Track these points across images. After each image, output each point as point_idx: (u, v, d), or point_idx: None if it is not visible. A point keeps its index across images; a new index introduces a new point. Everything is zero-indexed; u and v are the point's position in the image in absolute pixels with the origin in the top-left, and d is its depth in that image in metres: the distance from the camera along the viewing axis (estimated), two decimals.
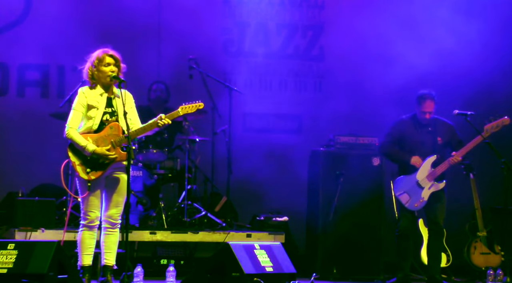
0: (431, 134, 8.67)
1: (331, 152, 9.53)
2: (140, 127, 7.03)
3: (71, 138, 6.94)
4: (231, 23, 11.11)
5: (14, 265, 6.61)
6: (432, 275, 8.58)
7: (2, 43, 10.36)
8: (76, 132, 6.95)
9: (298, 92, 11.26)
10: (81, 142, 6.92)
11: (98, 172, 6.93)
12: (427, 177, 8.53)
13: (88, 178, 6.93)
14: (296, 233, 10.20)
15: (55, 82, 10.57)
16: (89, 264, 7.05)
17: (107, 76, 6.99)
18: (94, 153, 6.88)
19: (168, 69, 10.59)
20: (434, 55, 10.65)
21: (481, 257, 9.45)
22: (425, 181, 8.54)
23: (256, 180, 10.64)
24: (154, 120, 6.99)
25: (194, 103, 7.14)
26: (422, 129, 8.69)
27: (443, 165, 8.50)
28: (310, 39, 11.30)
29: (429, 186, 8.54)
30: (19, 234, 8.59)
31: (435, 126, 8.69)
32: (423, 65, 10.57)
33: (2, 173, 10.14)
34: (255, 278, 6.91)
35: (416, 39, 10.80)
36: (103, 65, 7.00)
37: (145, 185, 9.36)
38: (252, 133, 11.00)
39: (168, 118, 6.99)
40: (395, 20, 10.97)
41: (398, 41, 10.82)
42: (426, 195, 8.54)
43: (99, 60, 7.00)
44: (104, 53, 7.02)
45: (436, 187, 8.54)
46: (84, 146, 6.91)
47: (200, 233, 9.13)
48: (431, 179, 8.52)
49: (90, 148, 6.90)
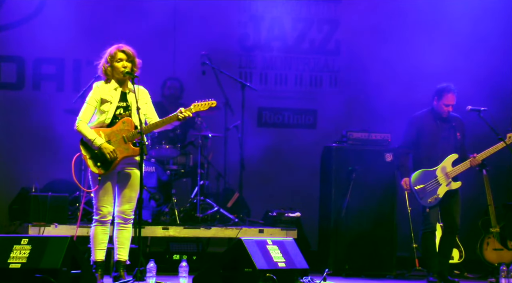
0: (453, 130, 8.60)
1: (344, 147, 9.52)
2: (154, 123, 7.04)
3: (80, 131, 6.96)
4: (246, 17, 11.10)
5: (28, 260, 6.63)
6: (441, 271, 8.56)
7: (18, 37, 10.39)
8: (85, 125, 6.97)
9: (314, 87, 11.25)
10: (90, 135, 6.94)
11: (109, 166, 6.95)
12: (446, 174, 8.50)
13: (99, 172, 6.95)
14: (308, 229, 10.22)
15: (70, 77, 10.59)
16: (102, 259, 7.08)
17: (120, 72, 7.00)
18: (101, 147, 6.90)
19: (184, 64, 10.59)
20: (450, 51, 10.62)
21: (494, 253, 9.43)
22: (444, 178, 8.51)
23: (268, 176, 10.64)
24: (173, 115, 6.99)
25: (207, 101, 7.15)
26: (443, 124, 8.59)
27: (464, 165, 8.46)
28: (326, 33, 11.27)
29: (446, 183, 8.50)
30: (32, 229, 8.63)
31: (454, 122, 8.64)
32: (439, 60, 10.54)
33: (16, 168, 10.18)
34: (268, 273, 6.92)
35: (432, 34, 10.77)
36: (115, 61, 7.01)
37: (158, 180, 9.38)
38: (266, 129, 11.01)
39: (188, 112, 6.99)
40: (412, 15, 10.94)
41: (414, 36, 10.80)
42: (442, 192, 8.49)
43: (112, 56, 7.02)
44: (116, 49, 7.03)
45: (453, 186, 8.51)
46: (92, 139, 6.92)
47: (213, 228, 9.15)
48: (449, 177, 8.49)
49: (98, 142, 6.91)
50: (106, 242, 7.09)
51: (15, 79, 10.51)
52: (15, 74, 10.50)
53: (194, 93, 9.68)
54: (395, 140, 9.41)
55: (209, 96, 7.22)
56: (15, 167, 10.19)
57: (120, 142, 6.98)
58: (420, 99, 9.52)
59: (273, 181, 10.63)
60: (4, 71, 10.48)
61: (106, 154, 6.90)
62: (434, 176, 8.51)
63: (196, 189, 9.61)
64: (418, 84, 10.49)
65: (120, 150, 6.97)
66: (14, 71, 10.50)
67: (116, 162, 6.96)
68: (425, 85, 9.33)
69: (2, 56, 10.46)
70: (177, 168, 9.67)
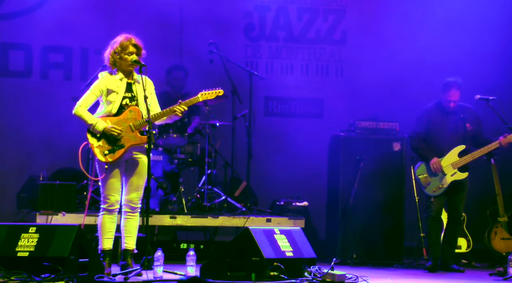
0: (462, 121, 8.63)
1: (352, 137, 9.50)
2: (158, 112, 7.04)
3: (80, 116, 6.96)
4: (252, 7, 11.08)
5: (36, 248, 6.65)
6: (446, 260, 8.65)
7: (26, 24, 10.37)
8: (85, 110, 6.97)
9: (320, 76, 11.22)
10: (90, 120, 6.95)
11: (116, 154, 6.95)
12: (452, 164, 8.53)
13: (106, 160, 6.95)
14: (316, 218, 10.21)
15: (78, 65, 10.58)
16: (110, 248, 7.10)
17: (129, 65, 7.00)
18: (105, 130, 6.90)
19: (190, 53, 10.58)
20: (457, 40, 10.58)
21: (502, 243, 9.42)
22: (449, 168, 8.53)
23: (276, 165, 10.63)
24: (173, 107, 6.99)
25: (214, 90, 7.15)
26: (450, 116, 8.66)
27: (472, 155, 8.55)
28: (331, 23, 11.24)
29: (451, 173, 8.54)
30: (40, 218, 8.65)
31: (463, 113, 8.66)
32: (446, 50, 10.51)
33: (24, 157, 10.20)
34: (275, 262, 6.92)
35: (439, 23, 10.73)
36: (125, 54, 7.00)
37: (165, 169, 9.38)
38: (273, 118, 10.99)
39: (187, 104, 7.02)
40: (418, 4, 10.89)
41: (421, 26, 10.76)
42: (446, 182, 8.54)
43: (122, 48, 6.99)
44: (128, 41, 7.00)
45: (458, 176, 8.54)
46: (93, 124, 6.92)
47: (220, 217, 9.15)
48: (455, 167, 8.52)
49: (101, 126, 6.91)
50: (113, 231, 7.11)
51: (23, 67, 10.50)
52: (23, 62, 10.50)
53: (200, 82, 9.69)
54: (403, 129, 9.41)
55: (216, 85, 7.22)
56: (23, 155, 10.20)
57: (127, 130, 6.98)
58: (426, 90, 9.53)
59: (280, 170, 10.62)
60: (12, 59, 10.47)
61: (111, 132, 6.89)
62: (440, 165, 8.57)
63: (204, 178, 9.61)
64: (424, 74, 10.46)
65: (127, 138, 6.97)
66: (22, 59, 10.49)
67: (123, 150, 6.96)
68: (431, 75, 9.30)
69: (10, 44, 10.45)
70: (185, 157, 9.66)
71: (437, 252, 8.68)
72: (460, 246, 9.29)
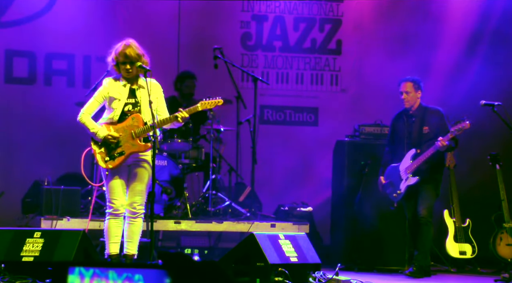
0: (416, 125, 8.65)
1: (356, 142, 9.50)
2: (162, 119, 7.05)
3: (83, 123, 7.01)
4: (249, 17, 11.15)
5: (41, 253, 6.66)
6: (420, 265, 8.53)
7: (30, 32, 10.44)
8: (88, 118, 7.02)
9: (315, 86, 11.27)
10: (92, 128, 6.99)
11: (116, 161, 6.97)
12: (405, 169, 8.58)
13: (106, 167, 6.98)
14: (320, 224, 10.20)
15: (80, 72, 10.63)
16: (116, 252, 7.09)
17: (126, 73, 7.02)
18: (105, 139, 6.93)
19: (188, 62, 10.64)
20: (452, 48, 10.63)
21: (507, 248, 9.39)
22: (403, 173, 8.60)
23: (280, 170, 10.63)
24: (174, 114, 7.02)
25: (214, 100, 7.18)
26: (409, 119, 8.73)
27: (418, 160, 8.53)
28: (327, 33, 11.34)
29: (405, 178, 8.58)
30: (45, 223, 8.65)
31: (422, 116, 8.66)
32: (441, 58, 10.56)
33: (29, 162, 10.21)
34: (280, 268, 6.91)
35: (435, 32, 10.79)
36: (121, 63, 7.03)
37: (170, 174, 9.39)
38: (268, 126, 11.04)
39: (187, 113, 7.04)
40: (414, 14, 10.96)
41: (415, 35, 10.82)
42: (403, 187, 8.62)
43: (116, 57, 7.03)
44: (121, 50, 7.00)
45: (409, 181, 8.58)
46: (95, 131, 6.97)
47: (224, 222, 9.15)
48: (408, 172, 8.55)
49: (101, 134, 6.95)
50: (120, 235, 7.11)
51: (27, 74, 10.55)
52: (27, 69, 10.54)
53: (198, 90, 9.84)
54: None
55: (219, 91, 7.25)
56: (27, 161, 10.22)
57: (128, 137, 7.00)
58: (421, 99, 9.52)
59: (285, 176, 10.61)
60: (16, 66, 10.51)
61: (108, 140, 6.92)
62: (398, 171, 8.66)
63: (208, 183, 9.61)
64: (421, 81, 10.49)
65: (127, 146, 7.00)
66: (26, 66, 10.54)
67: (123, 157, 6.98)
68: (427, 86, 9.28)
69: (15, 51, 10.50)
70: (189, 162, 9.67)
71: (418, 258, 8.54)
72: (465, 251, 9.27)
